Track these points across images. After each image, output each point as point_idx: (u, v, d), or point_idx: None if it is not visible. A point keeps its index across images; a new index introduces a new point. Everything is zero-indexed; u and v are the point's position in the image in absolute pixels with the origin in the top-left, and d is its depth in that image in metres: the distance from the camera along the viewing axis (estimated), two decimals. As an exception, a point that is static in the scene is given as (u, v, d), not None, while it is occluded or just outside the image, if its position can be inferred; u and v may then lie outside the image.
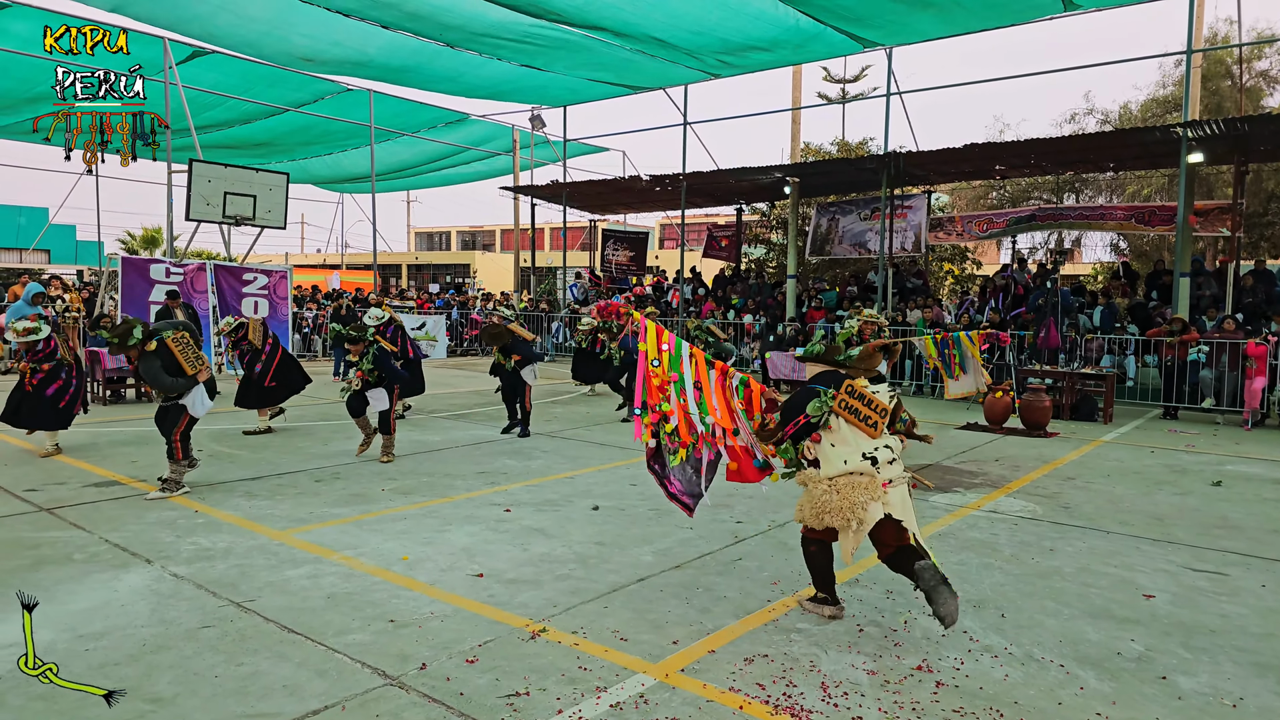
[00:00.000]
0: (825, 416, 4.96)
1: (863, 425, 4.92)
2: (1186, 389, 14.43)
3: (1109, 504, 8.12)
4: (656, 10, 16.68)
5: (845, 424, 4.94)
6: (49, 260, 39.09)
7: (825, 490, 4.90)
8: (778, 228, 28.76)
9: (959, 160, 19.15)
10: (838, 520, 4.83)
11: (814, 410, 4.94)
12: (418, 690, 4.11)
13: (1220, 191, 24.93)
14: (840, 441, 4.95)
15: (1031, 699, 4.13)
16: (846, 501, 4.81)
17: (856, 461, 4.89)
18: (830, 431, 4.97)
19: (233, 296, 18.14)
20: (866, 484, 4.83)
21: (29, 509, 7.41)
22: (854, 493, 4.81)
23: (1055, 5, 16.27)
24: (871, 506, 4.79)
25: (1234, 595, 5.65)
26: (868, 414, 4.92)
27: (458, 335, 26.68)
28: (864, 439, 4.93)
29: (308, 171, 31.28)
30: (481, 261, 54.48)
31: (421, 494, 8.18)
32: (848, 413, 4.92)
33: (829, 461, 4.97)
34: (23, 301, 15.52)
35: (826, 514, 4.86)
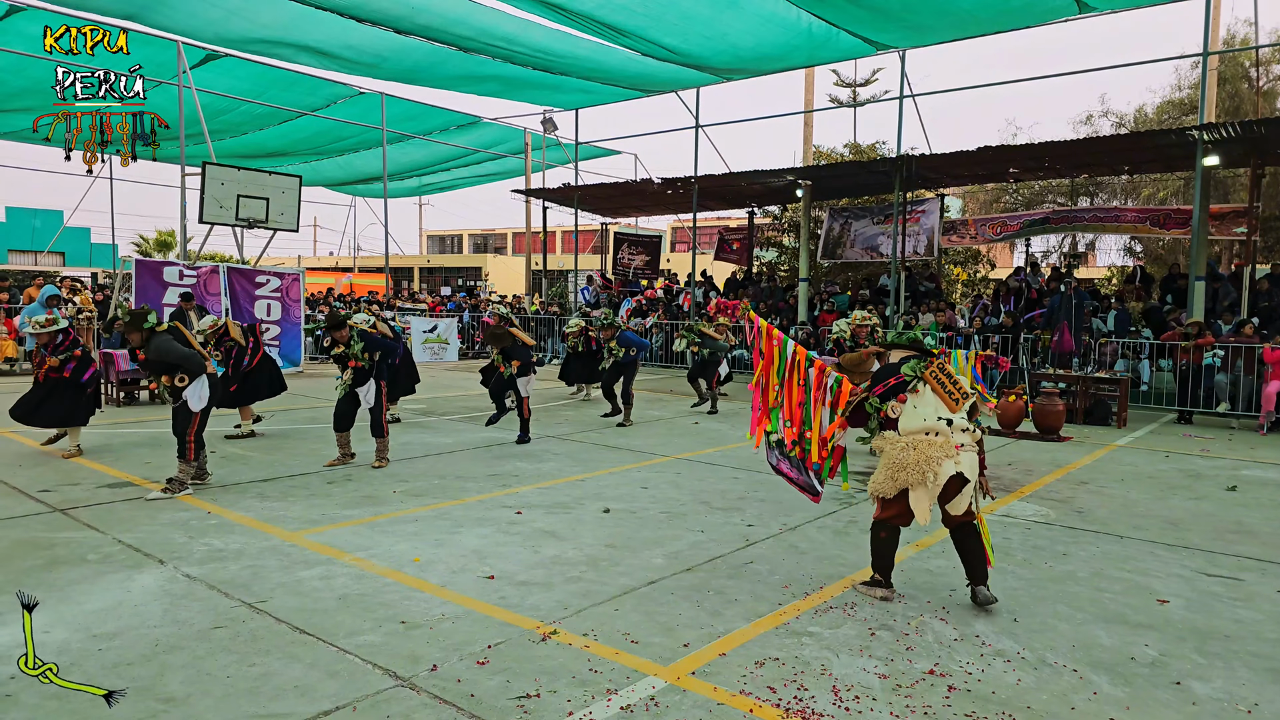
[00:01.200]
0: (916, 380, 5.49)
1: (945, 397, 5.42)
2: (1201, 393, 14.36)
3: (1123, 509, 8.08)
4: (669, 12, 16.70)
5: (930, 391, 5.45)
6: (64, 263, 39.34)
7: (903, 448, 5.35)
8: (789, 231, 28.72)
9: (972, 163, 19.09)
10: (913, 475, 5.25)
11: (909, 370, 5.52)
12: (428, 691, 4.12)
13: (1236, 195, 24.83)
14: (922, 404, 5.44)
15: (1044, 704, 4.11)
16: (922, 456, 5.25)
17: (934, 422, 5.36)
18: (916, 395, 5.47)
19: (245, 299, 18.20)
20: (941, 443, 5.29)
21: (43, 510, 7.44)
22: (929, 449, 5.26)
23: (1069, 7, 16.21)
24: (945, 463, 5.22)
25: (1249, 600, 5.62)
26: (951, 389, 5.45)
27: (469, 338, 26.72)
28: (943, 408, 5.41)
29: (320, 174, 31.42)
30: (493, 264, 54.57)
31: (433, 496, 8.19)
32: (935, 381, 5.47)
33: (909, 418, 5.44)
34: (37, 303, 15.59)
35: (901, 471, 5.30)
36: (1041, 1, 16.08)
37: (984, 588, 5.35)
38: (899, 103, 19.88)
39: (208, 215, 18.44)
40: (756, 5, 16.35)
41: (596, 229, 33.78)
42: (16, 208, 41.54)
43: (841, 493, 8.45)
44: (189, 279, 17.27)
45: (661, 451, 10.76)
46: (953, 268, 27.73)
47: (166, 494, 7.91)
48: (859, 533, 7.07)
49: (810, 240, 22.72)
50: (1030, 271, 20.92)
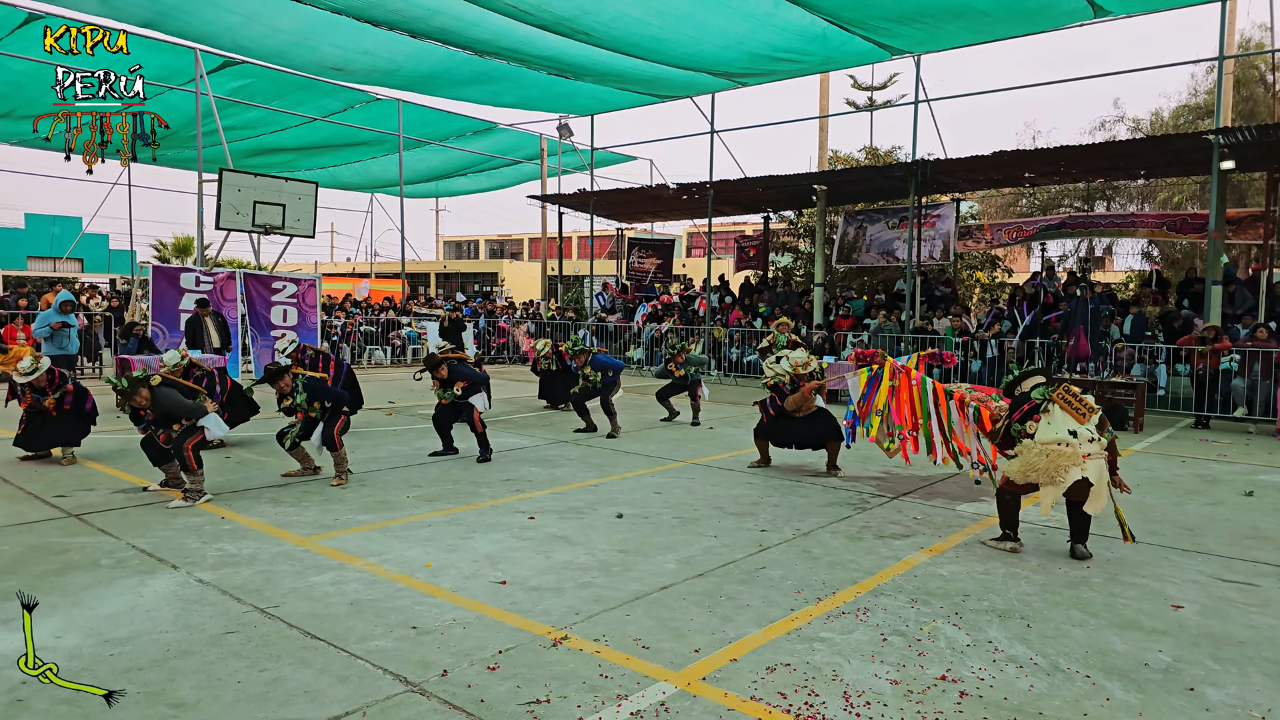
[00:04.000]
0: (1045, 402, 6.56)
1: (1073, 413, 6.48)
2: (1219, 398, 14.27)
3: (1138, 513, 8.03)
4: (685, 26, 16.72)
5: (1058, 410, 6.50)
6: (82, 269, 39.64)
7: (1037, 454, 6.44)
8: (805, 236, 28.68)
9: (988, 168, 19.02)
10: (1042, 478, 6.42)
11: (1039, 395, 6.62)
12: (439, 697, 4.12)
13: (1253, 199, 24.66)
14: (1054, 420, 6.49)
15: (1056, 710, 4.09)
16: (1052, 464, 6.37)
17: (1064, 434, 6.40)
18: (1048, 414, 6.53)
19: (262, 305, 18.27)
20: (1069, 453, 6.34)
21: (58, 514, 7.48)
22: (1059, 458, 6.35)
23: (1084, 11, 16.15)
24: (1071, 470, 6.31)
25: (1264, 606, 5.58)
26: (1078, 405, 6.50)
27: (485, 344, 26.77)
28: (1072, 422, 6.45)
29: (337, 178, 31.56)
30: (509, 270, 54.66)
31: (446, 501, 8.20)
32: (1062, 401, 6.53)
33: (1043, 432, 6.48)
34: (53, 309, 15.67)
35: (1032, 472, 6.48)
36: (1056, 5, 16.01)
37: (1081, 545, 6.61)
38: (914, 107, 19.85)
39: (224, 221, 18.52)
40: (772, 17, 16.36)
41: (612, 234, 33.81)
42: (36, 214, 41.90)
43: (855, 499, 8.45)
44: (205, 285, 17.35)
45: (675, 456, 10.75)
46: (975, 272, 27.64)
47: (188, 502, 7.93)
48: (872, 538, 7.05)
49: (825, 245, 22.67)
50: (1047, 276, 20.82)
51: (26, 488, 8.48)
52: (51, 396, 9.73)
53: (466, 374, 10.46)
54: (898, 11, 16.12)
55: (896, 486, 9.14)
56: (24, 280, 32.88)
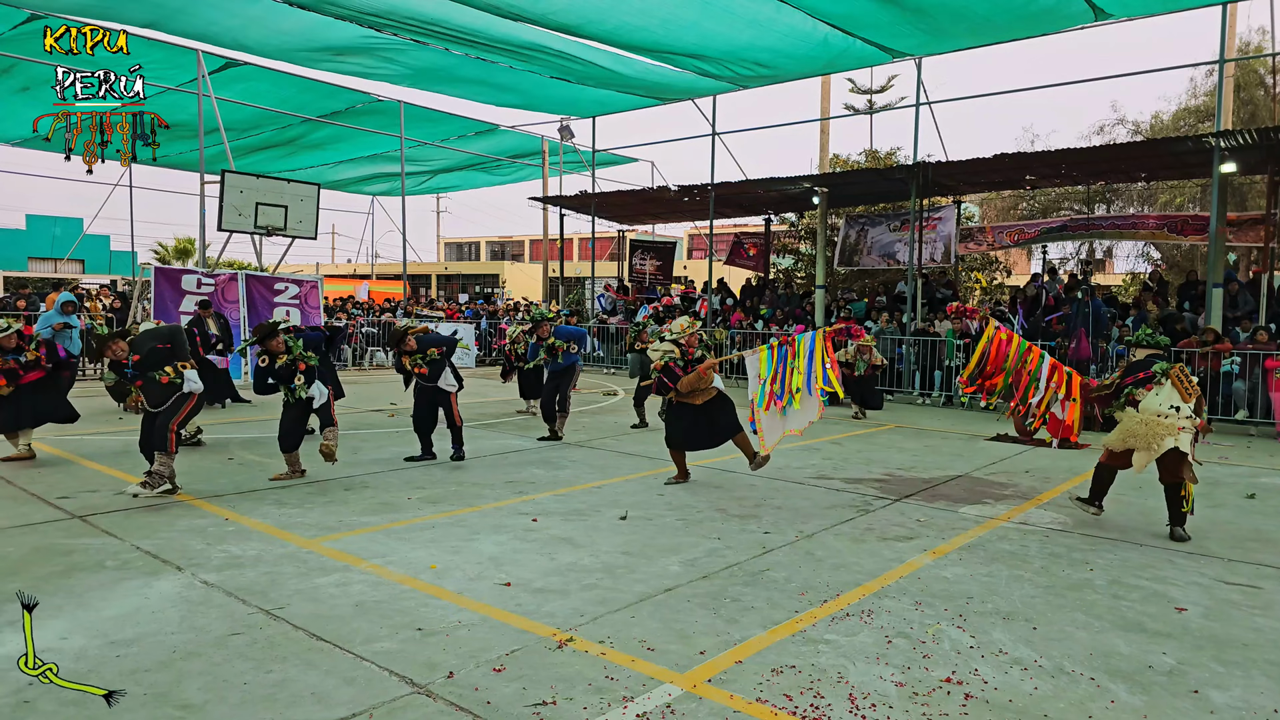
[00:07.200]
0: (1162, 375, 7.27)
1: (1182, 390, 7.18)
2: (1220, 400, 14.28)
3: (1141, 516, 8.04)
4: (688, 33, 16.74)
5: (1170, 384, 7.21)
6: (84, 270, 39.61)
7: (1138, 421, 7.22)
8: (806, 238, 28.69)
9: (989, 170, 19.03)
10: (1140, 443, 7.18)
11: (1159, 368, 7.32)
12: (444, 699, 4.13)
13: (1254, 202, 24.67)
14: (1163, 394, 7.21)
15: (1061, 712, 4.09)
16: (1150, 431, 7.14)
17: (1166, 409, 7.15)
18: (1159, 385, 7.25)
19: (264, 306, 18.30)
20: (1168, 424, 7.10)
21: (62, 516, 7.49)
22: (1157, 427, 7.12)
23: (1085, 14, 16.15)
24: (1166, 439, 7.05)
25: (1267, 608, 5.59)
26: (1188, 385, 7.21)
27: (487, 344, 26.77)
28: (1177, 398, 7.16)
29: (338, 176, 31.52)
30: (510, 271, 54.63)
31: (450, 503, 8.21)
32: (1176, 379, 7.22)
33: (1149, 401, 7.24)
34: (54, 310, 15.65)
35: (1131, 438, 7.25)
36: (1057, 8, 16.00)
37: (1180, 528, 7.23)
38: (915, 110, 19.83)
39: (226, 223, 18.54)
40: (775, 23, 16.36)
41: (614, 236, 33.81)
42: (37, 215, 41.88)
43: (858, 501, 8.46)
44: (207, 286, 17.37)
45: (677, 459, 10.75)
46: (975, 274, 27.65)
47: (147, 488, 7.90)
48: (875, 540, 7.06)
49: (827, 247, 22.68)
50: (1048, 278, 20.82)
51: (30, 489, 8.49)
52: (30, 351, 9.80)
53: (434, 339, 10.36)
54: (899, 14, 16.12)
55: (899, 489, 9.14)
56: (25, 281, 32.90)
